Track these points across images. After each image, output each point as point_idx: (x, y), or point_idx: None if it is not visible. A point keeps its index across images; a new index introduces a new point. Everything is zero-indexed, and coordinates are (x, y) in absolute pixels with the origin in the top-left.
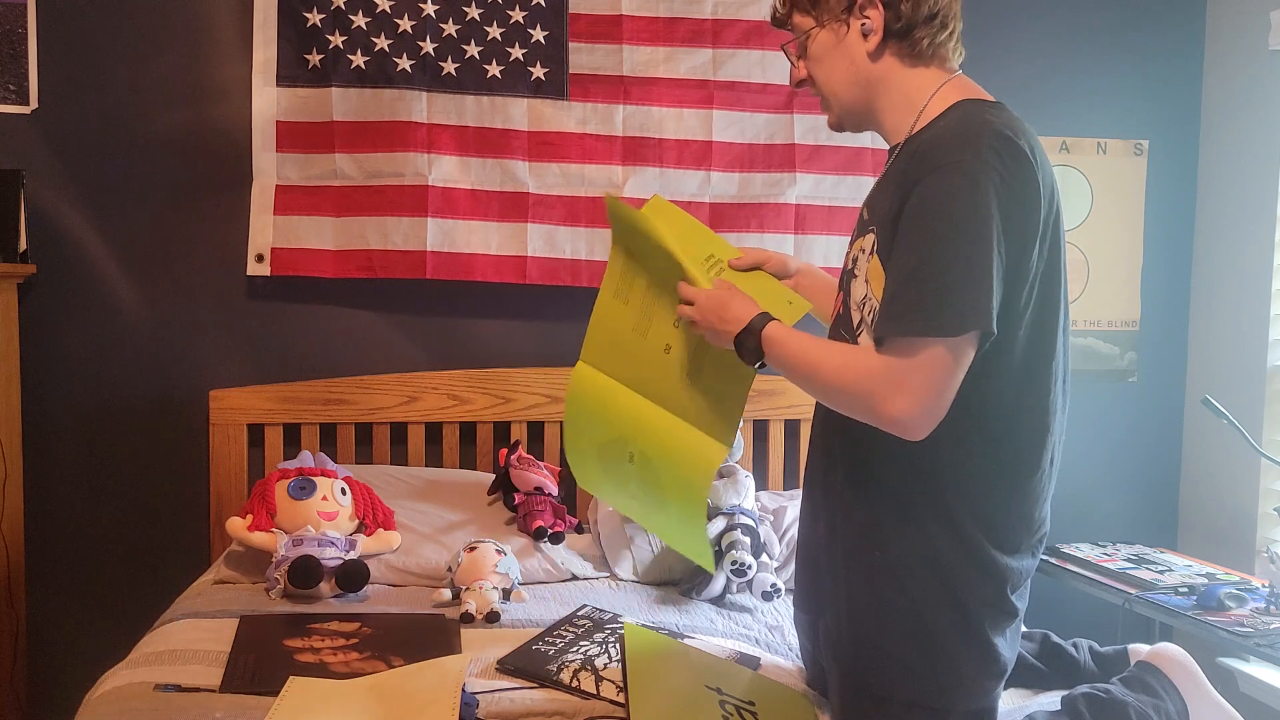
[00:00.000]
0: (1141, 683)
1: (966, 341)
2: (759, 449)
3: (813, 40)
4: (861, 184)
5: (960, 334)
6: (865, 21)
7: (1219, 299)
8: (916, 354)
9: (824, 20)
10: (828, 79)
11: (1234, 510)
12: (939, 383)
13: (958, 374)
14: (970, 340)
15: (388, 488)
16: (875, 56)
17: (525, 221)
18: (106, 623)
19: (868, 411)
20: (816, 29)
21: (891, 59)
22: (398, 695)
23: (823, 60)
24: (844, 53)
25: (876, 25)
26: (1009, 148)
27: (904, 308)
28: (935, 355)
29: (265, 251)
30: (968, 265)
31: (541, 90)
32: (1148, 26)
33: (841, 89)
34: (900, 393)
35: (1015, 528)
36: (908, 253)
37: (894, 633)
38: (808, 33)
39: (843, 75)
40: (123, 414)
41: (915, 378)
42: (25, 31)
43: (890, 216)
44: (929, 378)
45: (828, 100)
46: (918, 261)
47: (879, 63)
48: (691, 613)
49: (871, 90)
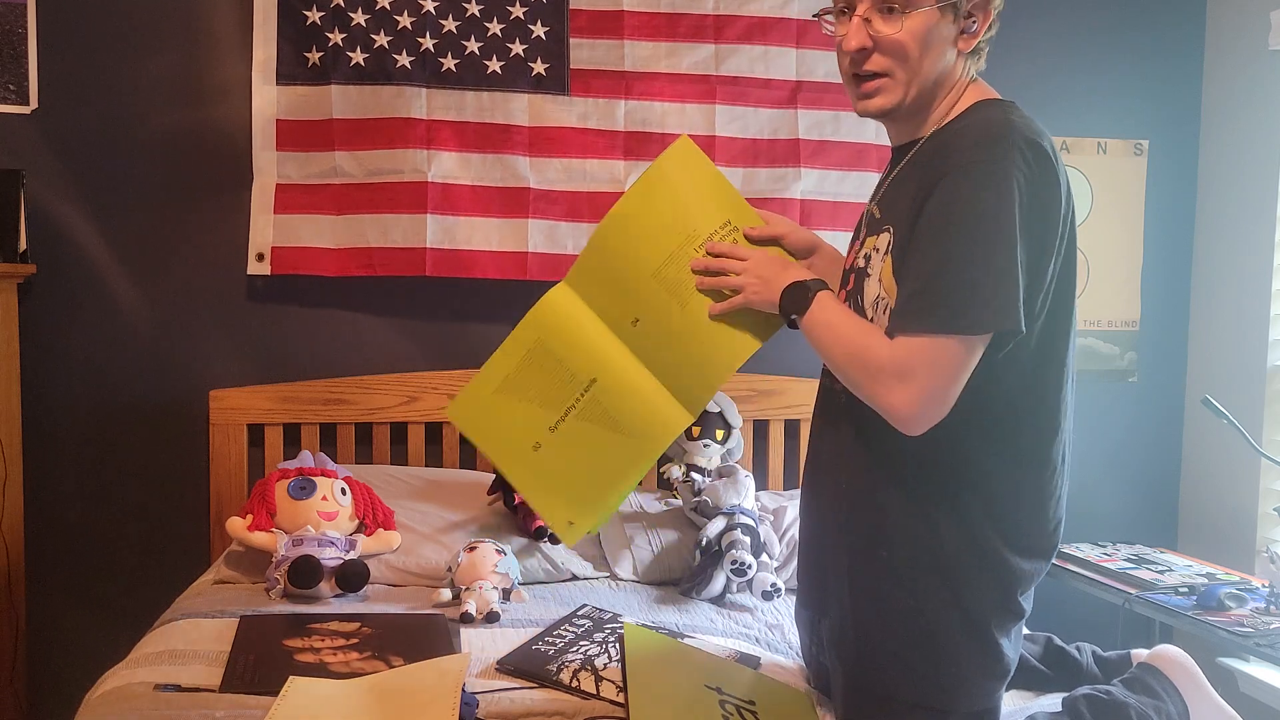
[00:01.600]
0: (1142, 684)
1: (981, 340)
2: (759, 449)
3: (926, 16)
4: (866, 179)
5: (984, 332)
6: (971, 21)
7: (1219, 299)
8: (928, 349)
9: (943, 5)
10: (919, 61)
11: (1234, 510)
12: (944, 380)
13: (965, 373)
14: (985, 339)
15: (388, 488)
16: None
17: (526, 217)
18: (106, 623)
19: (870, 397)
20: (935, 8)
21: (960, 63)
22: (398, 695)
23: (928, 43)
24: (945, 44)
25: (980, 30)
26: (1033, 149)
27: (928, 304)
28: (947, 352)
29: (266, 250)
30: (995, 263)
31: (542, 85)
32: (1148, 26)
33: (927, 75)
34: (903, 384)
35: (1030, 527)
36: (932, 249)
37: (898, 633)
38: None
39: (933, 64)
40: (123, 414)
41: (921, 372)
42: (25, 31)
43: (910, 214)
44: (935, 374)
45: (899, 81)
46: (943, 258)
47: (955, 64)
48: (691, 612)
49: (940, 86)
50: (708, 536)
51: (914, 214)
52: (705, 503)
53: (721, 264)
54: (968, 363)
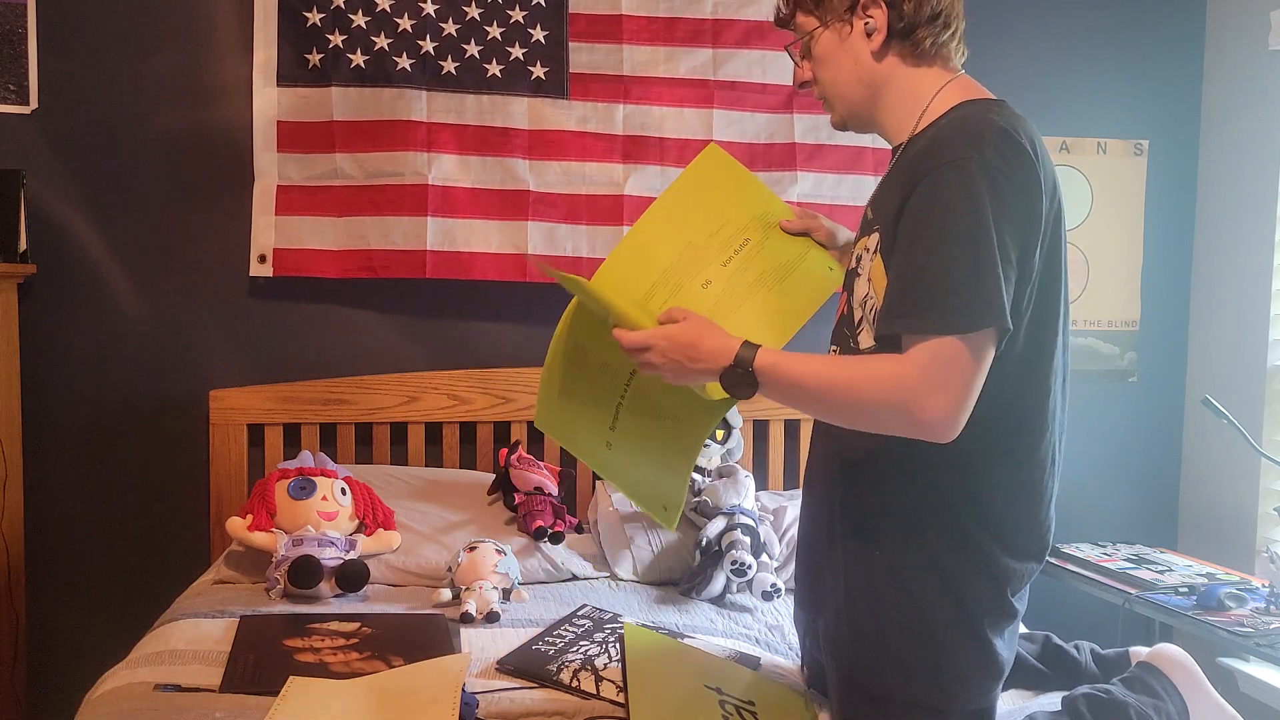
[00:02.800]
0: (1142, 683)
1: (986, 338)
2: (759, 449)
3: (816, 40)
4: (863, 183)
5: (974, 330)
6: (869, 21)
7: (1219, 299)
8: (945, 353)
9: (828, 20)
10: (832, 79)
11: (1234, 510)
12: (970, 381)
13: (983, 372)
14: (989, 337)
15: (388, 488)
16: (879, 56)
17: (525, 220)
18: (106, 623)
19: (902, 419)
20: (820, 29)
21: (894, 59)
22: (398, 695)
23: (827, 60)
24: (848, 52)
25: (880, 25)
26: (1011, 145)
27: (913, 306)
28: (960, 353)
29: (268, 252)
30: (976, 262)
31: (542, 89)
32: (1148, 26)
33: (846, 89)
34: (937, 393)
35: (1020, 528)
36: (913, 249)
37: (893, 632)
38: (811, 33)
39: (847, 75)
40: (123, 414)
41: (952, 378)
42: (25, 31)
43: (893, 215)
44: (962, 376)
45: (831, 101)
46: (924, 259)
47: (882, 63)
48: (691, 613)
49: (875, 90)
50: (708, 537)
51: (896, 213)
52: (705, 503)
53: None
54: (981, 359)
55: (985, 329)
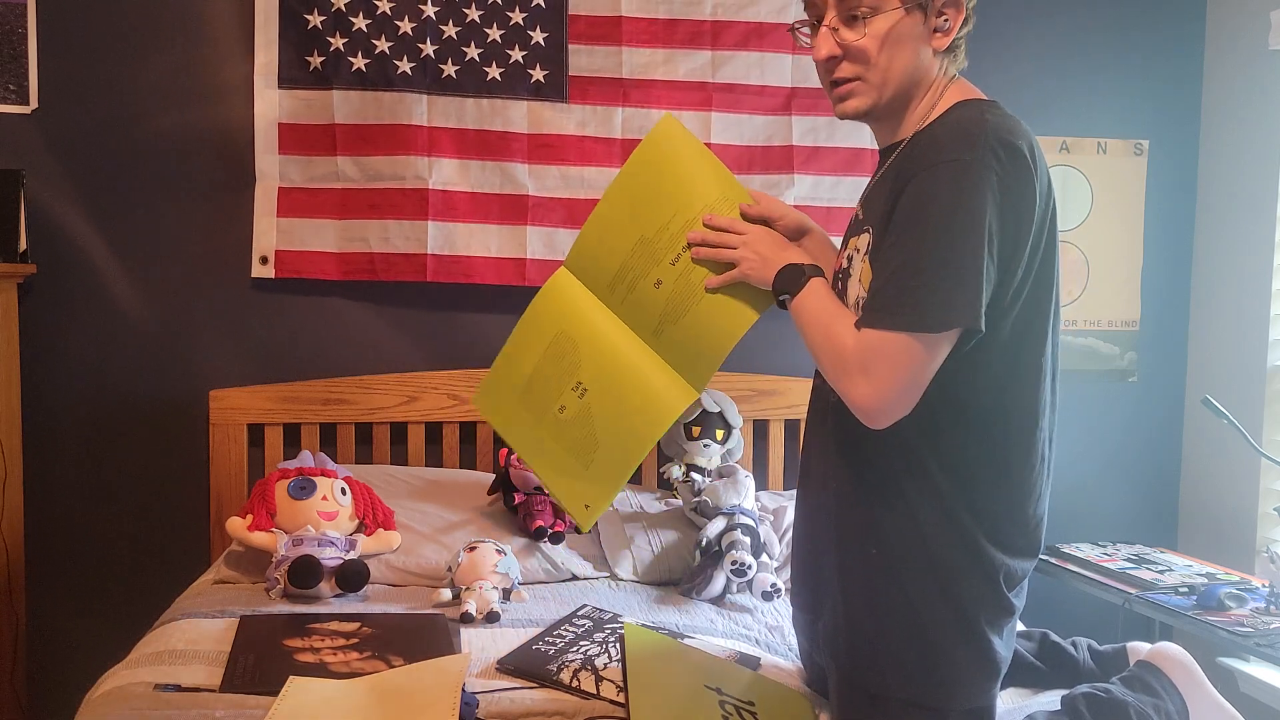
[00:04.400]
0: (1141, 682)
1: (944, 338)
2: (759, 449)
3: (889, 19)
4: (860, 184)
5: (943, 330)
6: (945, 19)
7: (1219, 299)
8: (888, 345)
9: (908, 5)
10: (888, 63)
11: (1234, 510)
12: (906, 376)
13: (929, 369)
14: (949, 337)
15: (388, 488)
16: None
17: (525, 224)
18: (106, 623)
19: (836, 388)
20: (900, 9)
21: (940, 60)
22: (398, 695)
23: (894, 44)
24: (915, 44)
25: (953, 27)
26: (1007, 147)
27: (888, 301)
28: (907, 348)
29: (269, 253)
30: (957, 261)
31: (541, 93)
32: (1148, 26)
33: (898, 77)
34: (865, 378)
35: (1011, 524)
36: (898, 246)
37: (891, 631)
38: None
39: (905, 64)
40: (123, 414)
41: (882, 367)
42: (25, 31)
43: (885, 215)
44: (896, 370)
45: (871, 84)
46: (907, 256)
47: (932, 63)
48: (691, 613)
49: (916, 89)
50: (708, 537)
51: (888, 214)
52: (705, 503)
53: (720, 237)
54: (929, 361)
55: (942, 330)
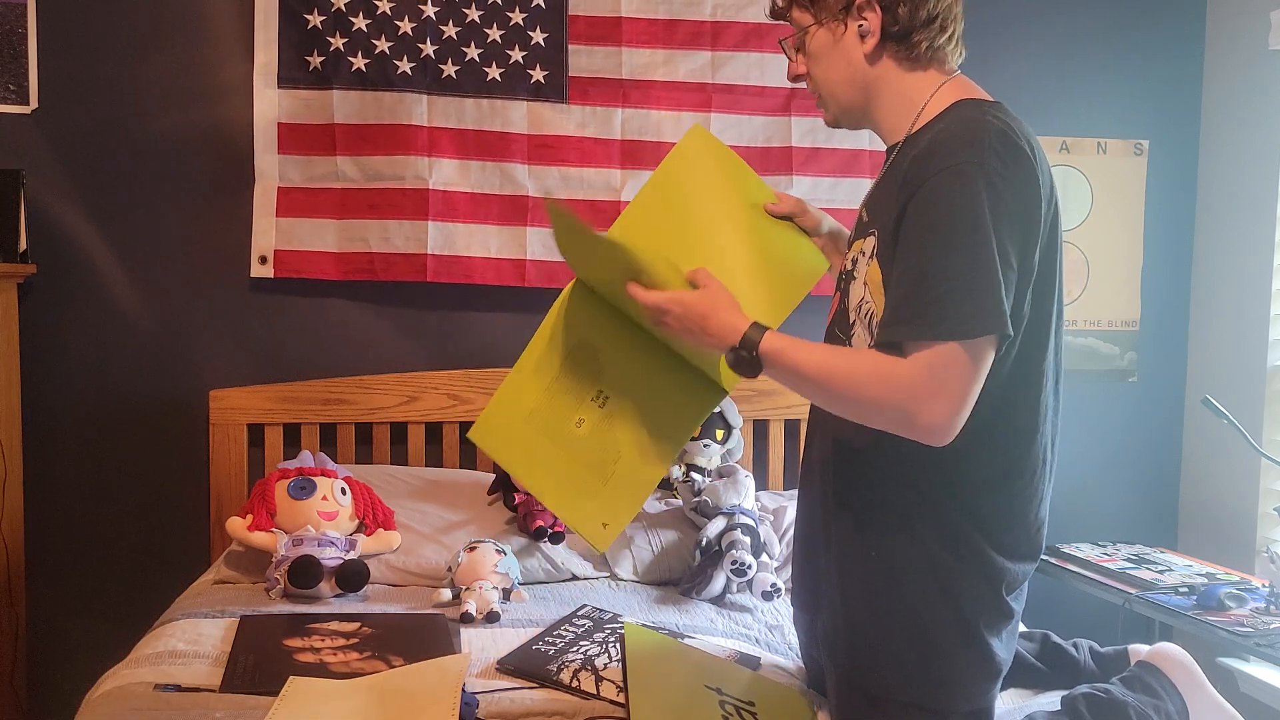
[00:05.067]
0: (1141, 683)
1: (985, 344)
2: (759, 449)
3: (811, 38)
4: (859, 186)
5: (977, 336)
6: (863, 24)
7: (1219, 299)
8: (946, 358)
9: (822, 18)
10: (824, 77)
11: (1234, 510)
12: (968, 386)
13: (981, 377)
14: (989, 342)
15: (388, 488)
16: (872, 59)
17: (525, 225)
18: (106, 623)
19: (900, 420)
20: (815, 26)
21: (889, 61)
22: (398, 695)
23: (820, 58)
24: (841, 53)
25: (874, 28)
26: (1010, 148)
27: (915, 312)
28: (961, 359)
29: (269, 253)
30: (978, 268)
31: (541, 93)
32: (1148, 26)
33: (838, 88)
34: (937, 398)
35: (1012, 528)
36: (915, 256)
37: (890, 633)
38: (806, 29)
39: (839, 74)
40: (123, 414)
41: (952, 383)
42: (25, 31)
43: (892, 220)
44: (961, 382)
45: (824, 98)
46: (926, 264)
47: (876, 65)
48: (691, 613)
49: (868, 91)
50: (708, 536)
51: (896, 218)
52: (705, 503)
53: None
54: (980, 365)
55: (985, 335)
